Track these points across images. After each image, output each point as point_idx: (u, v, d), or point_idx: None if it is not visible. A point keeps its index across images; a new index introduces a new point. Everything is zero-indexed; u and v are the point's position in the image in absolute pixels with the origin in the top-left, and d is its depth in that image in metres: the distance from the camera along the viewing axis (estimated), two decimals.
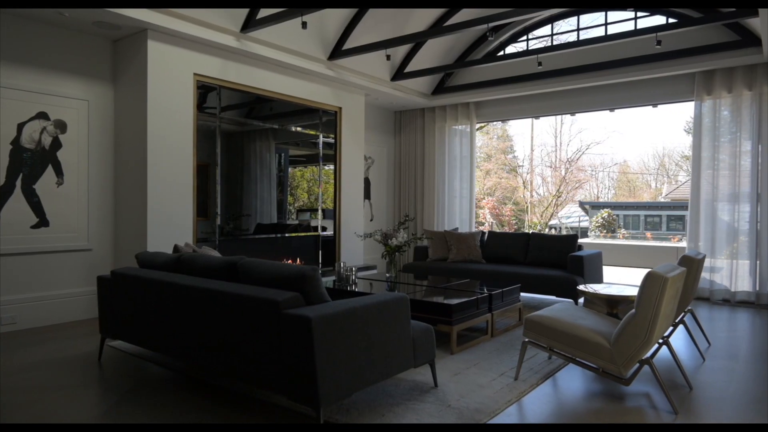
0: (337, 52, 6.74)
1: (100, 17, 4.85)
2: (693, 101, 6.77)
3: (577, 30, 7.58)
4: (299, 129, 7.14)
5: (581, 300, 5.95)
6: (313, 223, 7.36)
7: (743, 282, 6.49)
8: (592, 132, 31.31)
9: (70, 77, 5.22)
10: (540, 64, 6.78)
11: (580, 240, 6.80)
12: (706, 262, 6.40)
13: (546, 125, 24.36)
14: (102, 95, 5.47)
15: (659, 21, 6.88)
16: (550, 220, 21.92)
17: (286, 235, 6.94)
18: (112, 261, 5.55)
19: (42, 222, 5.03)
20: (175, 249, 4.19)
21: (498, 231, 11.94)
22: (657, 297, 2.91)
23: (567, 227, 21.68)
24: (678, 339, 4.70)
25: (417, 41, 6.83)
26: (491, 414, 2.96)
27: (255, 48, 5.90)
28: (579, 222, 21.81)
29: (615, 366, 3.06)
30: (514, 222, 21.16)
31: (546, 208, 22.31)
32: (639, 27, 6.84)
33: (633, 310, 3.03)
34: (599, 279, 6.45)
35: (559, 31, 7.92)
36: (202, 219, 5.80)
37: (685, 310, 4.28)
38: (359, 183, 7.86)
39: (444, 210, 8.96)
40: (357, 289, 4.93)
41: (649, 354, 3.20)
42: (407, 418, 2.89)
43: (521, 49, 7.97)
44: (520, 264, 6.69)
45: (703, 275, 6.52)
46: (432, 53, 8.03)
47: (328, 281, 5.23)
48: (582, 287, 4.77)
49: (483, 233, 7.31)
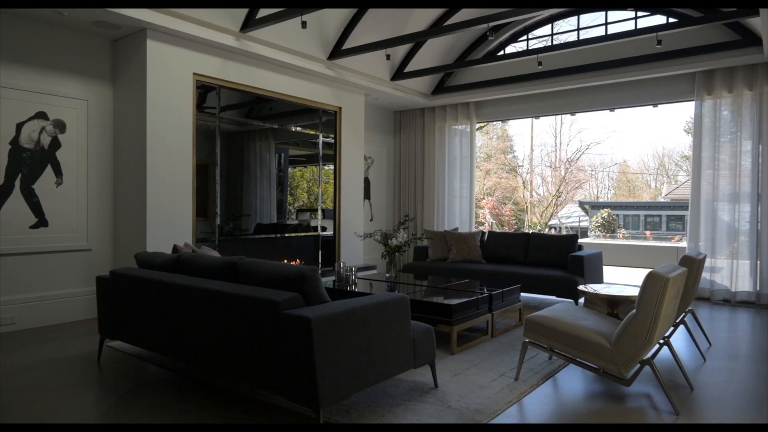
0: (337, 51, 6.73)
1: (99, 17, 4.84)
2: (693, 101, 6.76)
3: (577, 30, 7.57)
4: (299, 129, 7.13)
5: (581, 300, 5.94)
6: (313, 223, 7.35)
7: (743, 282, 6.48)
8: (591, 132, 31.36)
9: (69, 77, 5.21)
10: (540, 63, 6.77)
11: (579, 240, 6.79)
12: (706, 262, 6.38)
13: (546, 125, 24.39)
14: (101, 95, 5.46)
15: (659, 21, 6.87)
16: (549, 220, 21.92)
17: (285, 235, 6.93)
18: (111, 261, 5.54)
19: (41, 222, 5.02)
20: (175, 249, 4.18)
21: (498, 231, 11.92)
22: (658, 297, 2.90)
23: (567, 227, 21.68)
24: (679, 339, 4.69)
25: (417, 41, 6.82)
26: (491, 415, 2.95)
27: (255, 48, 5.89)
28: (579, 222, 21.81)
29: (616, 366, 3.05)
30: (513, 222, 21.15)
31: (546, 208, 22.31)
32: (639, 27, 6.83)
33: (634, 310, 3.02)
34: (599, 279, 6.44)
35: (559, 31, 7.91)
36: (201, 219, 5.79)
37: (686, 310, 4.27)
38: (359, 183, 7.85)
39: (444, 210, 8.95)
40: (357, 290, 4.92)
41: (650, 354, 3.19)
42: (407, 418, 2.88)
43: (521, 49, 7.96)
44: (520, 264, 6.68)
45: (704, 275, 6.51)
46: (432, 53, 8.02)
47: (327, 281, 5.22)
48: (582, 287, 4.77)
49: (483, 233, 7.31)
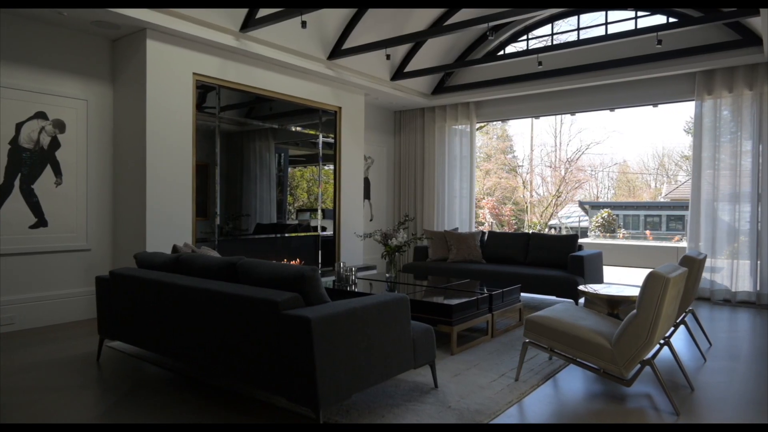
0: (337, 51, 6.72)
1: (98, 17, 4.84)
2: (693, 101, 6.75)
3: (577, 30, 7.57)
4: (299, 129, 7.12)
5: (581, 300, 5.94)
6: (313, 223, 7.34)
7: (744, 282, 6.48)
8: (591, 132, 31.33)
9: (68, 77, 5.20)
10: (540, 63, 6.76)
11: (579, 240, 6.78)
12: (706, 262, 6.38)
13: (546, 125, 24.38)
14: (101, 95, 5.45)
15: (659, 20, 6.86)
16: (549, 220, 21.91)
17: (285, 235, 6.92)
18: (110, 261, 5.53)
19: (40, 222, 5.01)
20: (174, 249, 4.18)
21: (498, 231, 11.91)
22: (659, 297, 2.90)
23: (567, 227, 21.67)
24: (679, 339, 4.68)
25: (417, 41, 6.81)
26: (492, 415, 2.94)
27: (254, 47, 5.88)
28: (579, 222, 21.80)
29: (616, 367, 3.04)
30: (513, 222, 21.15)
31: (546, 208, 22.30)
32: (639, 27, 6.82)
33: (634, 310, 3.01)
34: (599, 279, 6.43)
35: (559, 31, 7.91)
36: (201, 219, 5.78)
37: (686, 310, 4.26)
38: (359, 183, 7.84)
39: (444, 210, 8.94)
40: (357, 290, 4.91)
41: (651, 355, 3.19)
42: (407, 419, 2.87)
43: (521, 49, 7.95)
44: (520, 264, 6.67)
45: (704, 275, 6.50)
46: (432, 53, 8.02)
47: (327, 281, 5.22)
48: (582, 287, 4.76)
49: (483, 233, 7.30)
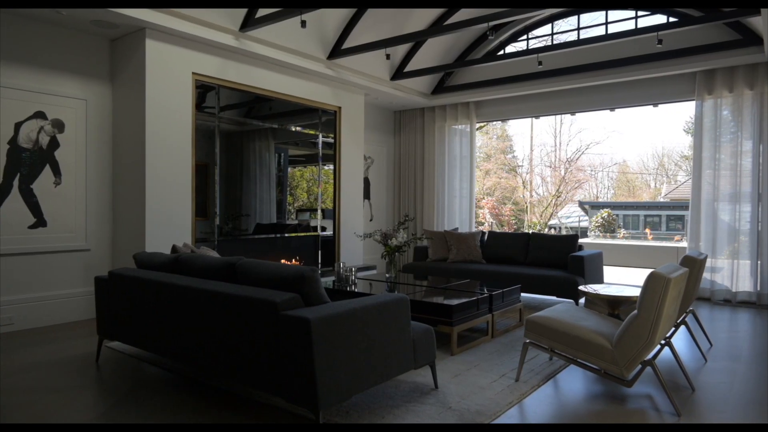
0: (337, 51, 6.71)
1: (97, 16, 4.82)
2: (694, 101, 6.74)
3: (578, 29, 7.55)
4: (299, 129, 7.11)
5: (582, 300, 5.93)
6: (313, 223, 7.33)
7: (744, 282, 6.46)
8: (591, 132, 31.33)
9: (67, 76, 5.19)
10: (540, 63, 6.75)
11: (579, 240, 6.77)
12: (707, 262, 6.37)
13: (545, 125, 24.38)
14: (100, 94, 5.44)
15: (660, 20, 6.85)
16: (549, 220, 21.91)
17: (285, 235, 6.91)
18: (110, 261, 5.52)
19: (39, 222, 5.00)
20: (173, 249, 4.17)
21: (498, 231, 11.91)
22: (660, 298, 2.89)
23: (567, 227, 21.67)
24: (680, 340, 4.67)
25: (416, 40, 6.80)
26: (492, 416, 2.93)
27: (254, 47, 5.87)
28: (579, 222, 21.80)
29: (617, 367, 3.03)
30: (513, 222, 21.15)
31: (545, 208, 22.30)
32: (639, 26, 6.81)
33: (635, 311, 3.00)
34: (600, 279, 6.42)
35: (559, 31, 7.90)
36: (201, 219, 5.77)
37: (687, 310, 4.25)
38: (359, 183, 7.83)
39: (444, 210, 8.93)
40: (357, 290, 4.90)
41: (651, 355, 3.18)
42: (407, 420, 2.86)
43: (521, 49, 7.94)
44: (520, 264, 6.66)
45: (704, 275, 6.49)
46: (432, 53, 8.00)
47: (327, 282, 5.21)
48: (583, 288, 4.75)
49: (483, 233, 7.29)
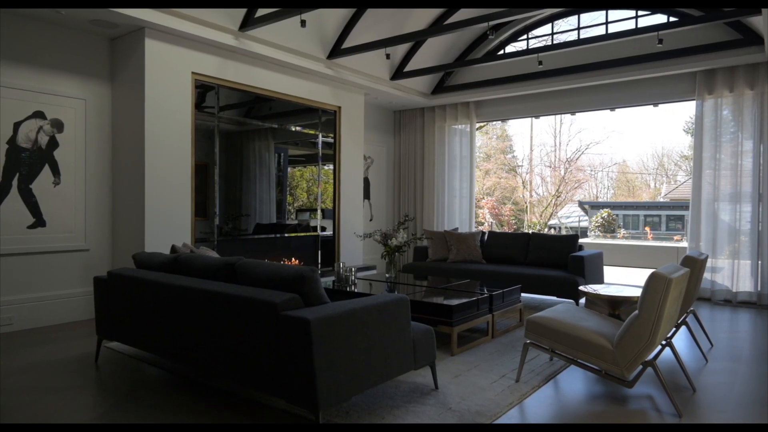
0: (337, 50, 6.70)
1: (97, 16, 4.81)
2: (694, 100, 6.73)
3: (578, 29, 7.54)
4: (298, 128, 7.10)
5: (582, 300, 5.92)
6: (313, 223, 7.32)
7: (744, 282, 6.46)
8: (591, 132, 31.35)
9: (66, 76, 5.17)
10: (540, 63, 6.74)
11: (579, 240, 6.77)
12: (707, 262, 6.36)
13: (545, 125, 24.36)
14: (99, 94, 5.42)
15: (660, 20, 6.84)
16: (549, 220, 21.90)
17: (285, 235, 6.90)
18: (109, 261, 5.51)
19: (39, 222, 4.99)
20: (173, 249, 4.15)
21: (498, 231, 11.90)
22: (661, 298, 2.88)
23: (566, 227, 21.66)
24: (680, 340, 4.66)
25: (416, 40, 6.79)
26: (492, 417, 2.92)
27: (253, 47, 5.86)
28: (579, 222, 21.79)
29: (618, 368, 3.02)
30: (513, 222, 21.14)
31: (545, 208, 22.29)
32: (639, 26, 6.80)
33: (636, 311, 2.99)
34: (600, 279, 6.41)
35: (559, 30, 7.89)
36: (200, 219, 5.76)
37: (688, 311, 4.24)
38: (359, 183, 7.82)
39: (444, 210, 8.92)
40: (356, 290, 4.89)
41: (652, 356, 3.17)
42: (407, 420, 2.85)
43: (521, 48, 7.93)
44: (520, 264, 6.65)
45: (705, 275, 6.47)
46: (432, 52, 7.99)
47: (327, 282, 5.20)
48: (583, 288, 4.74)
49: (483, 233, 7.28)
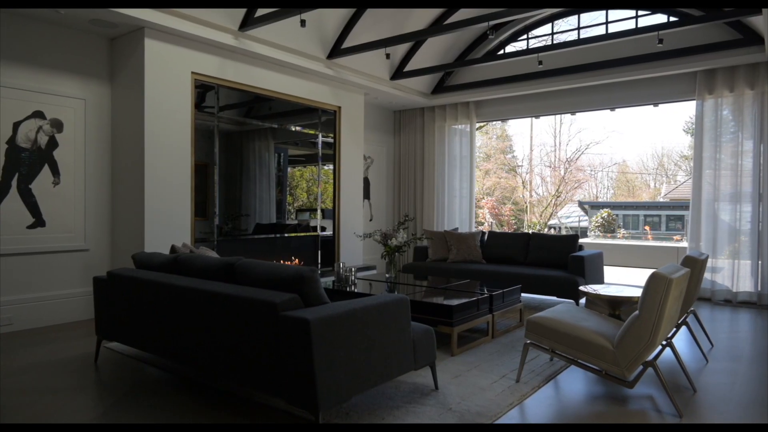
0: (336, 50, 6.69)
1: (96, 15, 4.80)
2: (694, 100, 6.72)
3: (578, 29, 7.54)
4: (298, 128, 7.09)
5: (582, 300, 5.91)
6: (313, 223, 7.31)
7: (745, 282, 6.45)
8: (591, 132, 31.33)
9: (66, 76, 5.16)
10: (540, 63, 6.73)
11: (579, 240, 6.76)
12: (707, 262, 6.35)
13: (545, 125, 24.35)
14: (99, 94, 5.42)
15: (660, 20, 6.83)
16: (549, 220, 21.90)
17: (285, 235, 6.89)
18: (109, 261, 5.50)
19: (38, 222, 4.98)
20: (172, 249, 4.15)
21: (498, 231, 11.88)
22: (661, 298, 2.87)
23: (566, 227, 21.66)
24: (680, 340, 4.66)
25: (416, 40, 6.78)
26: (493, 417, 2.92)
27: (253, 46, 5.85)
28: (578, 222, 21.79)
29: (618, 368, 3.01)
30: (513, 222, 21.13)
31: (545, 208, 22.28)
32: (640, 26, 6.80)
33: (637, 311, 2.98)
34: (600, 279, 6.41)
35: (559, 30, 7.88)
36: (200, 219, 5.75)
37: (688, 311, 4.24)
38: (358, 183, 7.81)
39: (444, 210, 8.91)
40: (356, 290, 4.88)
41: (653, 356, 3.16)
42: (407, 421, 2.84)
43: (521, 48, 7.92)
44: (520, 264, 6.65)
45: (705, 275, 6.47)
46: (431, 52, 7.99)
47: (327, 282, 5.19)
48: (583, 288, 4.73)
49: (483, 233, 7.27)
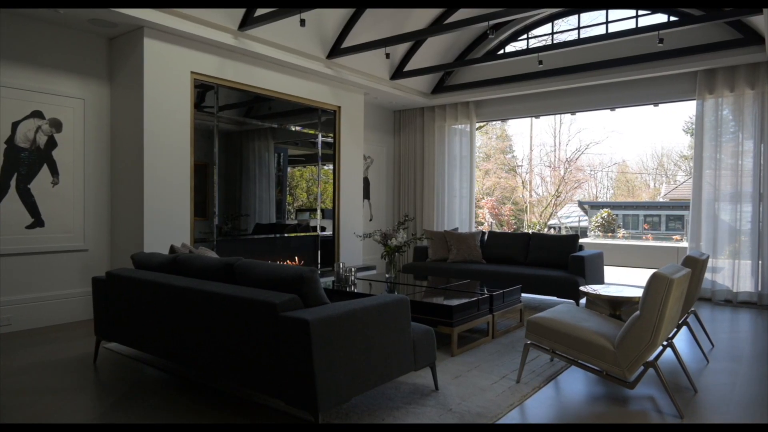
0: (336, 50, 6.68)
1: (95, 15, 4.79)
2: (694, 100, 6.71)
3: (578, 29, 7.53)
4: (298, 128, 7.08)
5: (582, 301, 5.90)
6: (312, 223, 7.30)
7: (745, 282, 6.44)
8: (591, 132, 31.32)
9: (65, 75, 5.15)
10: (540, 62, 6.72)
11: (579, 240, 6.75)
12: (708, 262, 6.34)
13: (545, 125, 24.33)
14: (98, 94, 5.40)
15: (660, 19, 6.82)
16: (549, 219, 21.89)
17: (285, 235, 6.88)
18: (108, 261, 5.49)
19: (37, 222, 4.97)
20: (172, 250, 4.14)
21: (498, 231, 11.87)
22: (662, 299, 2.86)
23: (566, 227, 21.65)
24: (681, 340, 4.65)
25: (416, 39, 6.78)
26: (493, 418, 2.90)
27: (253, 46, 5.84)
28: (578, 222, 21.78)
29: (619, 369, 3.00)
30: (513, 222, 21.12)
31: (545, 208, 22.28)
32: (640, 25, 6.79)
33: (638, 312, 2.97)
34: (600, 279, 6.39)
35: (559, 30, 7.87)
36: (200, 219, 5.74)
37: (689, 311, 4.23)
38: (358, 183, 7.80)
39: (444, 210, 8.90)
40: (356, 290, 4.87)
41: (654, 356, 3.15)
42: (407, 422, 2.83)
43: (521, 48, 7.91)
44: (520, 264, 6.63)
45: (705, 275, 6.46)
46: (431, 52, 7.97)
47: (327, 282, 5.18)
48: (584, 288, 4.72)
49: (483, 233, 7.26)
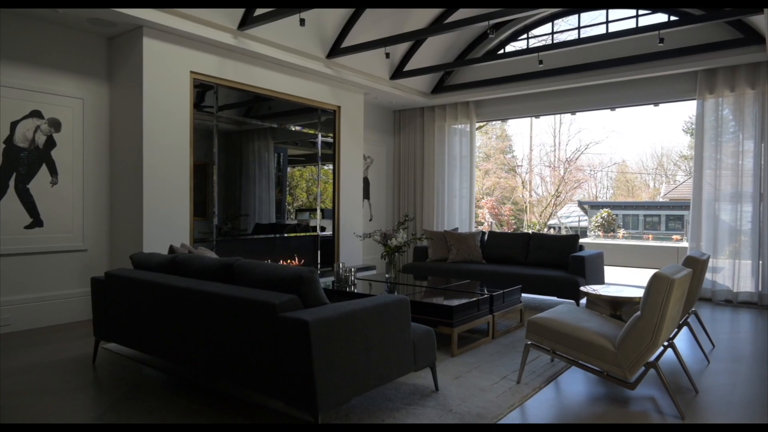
0: (336, 50, 6.67)
1: (95, 15, 4.78)
2: (695, 100, 6.70)
3: (578, 28, 7.52)
4: (298, 128, 7.07)
5: (583, 301, 5.89)
6: (312, 223, 7.29)
7: (745, 282, 6.43)
8: (590, 132, 31.31)
9: (64, 75, 5.14)
10: (541, 62, 6.71)
11: (579, 240, 6.74)
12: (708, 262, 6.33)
13: (545, 125, 24.32)
14: (97, 93, 5.39)
15: (661, 19, 6.81)
16: (549, 219, 21.88)
17: (284, 236, 6.87)
18: (107, 262, 5.47)
19: (36, 222, 4.95)
20: (171, 250, 4.12)
21: (498, 231, 11.86)
22: (663, 299, 2.85)
23: (566, 227, 21.64)
24: (682, 341, 4.64)
25: (416, 39, 6.77)
26: (493, 418, 2.89)
27: (253, 46, 5.83)
28: (578, 222, 21.77)
29: (620, 369, 2.99)
30: (513, 222, 21.12)
31: (545, 207, 22.27)
32: (640, 25, 6.78)
33: (638, 312, 2.96)
34: (600, 279, 6.38)
35: (559, 30, 7.86)
36: (199, 219, 5.73)
37: (690, 311, 4.22)
38: (358, 183, 7.79)
39: (444, 210, 8.89)
40: (356, 291, 4.86)
41: (654, 357, 3.14)
42: (407, 422, 2.82)
43: (521, 48, 7.90)
44: (520, 264, 6.62)
45: (705, 275, 6.45)
46: (431, 52, 7.96)
47: (326, 282, 5.17)
48: (584, 288, 4.71)
49: (483, 233, 7.25)
